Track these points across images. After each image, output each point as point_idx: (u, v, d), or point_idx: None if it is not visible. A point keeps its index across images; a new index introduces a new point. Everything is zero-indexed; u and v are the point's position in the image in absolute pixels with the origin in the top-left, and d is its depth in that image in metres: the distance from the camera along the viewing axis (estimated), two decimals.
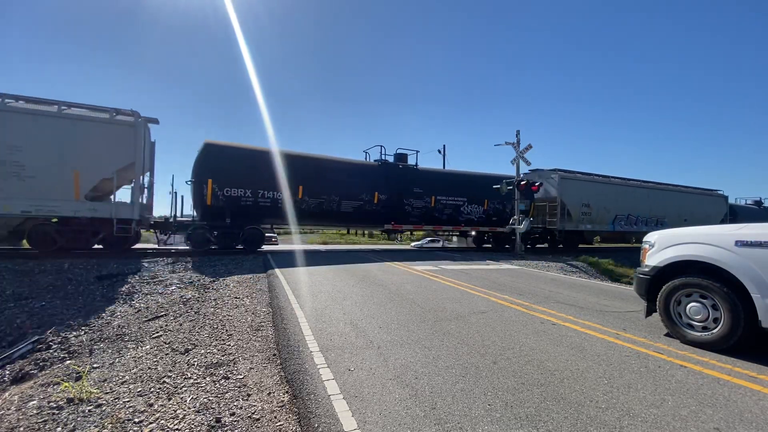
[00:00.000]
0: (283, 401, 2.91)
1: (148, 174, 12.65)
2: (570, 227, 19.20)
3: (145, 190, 12.63)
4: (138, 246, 14.09)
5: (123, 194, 13.30)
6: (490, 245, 19.75)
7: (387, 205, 16.13)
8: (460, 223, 17.98)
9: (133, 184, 11.91)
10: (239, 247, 13.83)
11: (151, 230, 13.77)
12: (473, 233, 19.61)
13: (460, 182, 18.29)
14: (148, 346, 4.42)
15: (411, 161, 17.66)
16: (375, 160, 17.21)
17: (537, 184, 15.74)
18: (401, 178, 16.71)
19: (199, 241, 13.02)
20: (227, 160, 13.47)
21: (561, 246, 19.89)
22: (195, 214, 14.05)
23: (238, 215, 13.50)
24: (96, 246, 12.18)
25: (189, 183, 13.57)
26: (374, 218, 16.23)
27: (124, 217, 11.50)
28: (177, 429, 2.57)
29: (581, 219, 19.63)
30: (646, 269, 4.44)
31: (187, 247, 13.52)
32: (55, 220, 11.19)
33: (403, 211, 16.56)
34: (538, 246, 20.73)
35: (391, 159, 17.31)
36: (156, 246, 14.08)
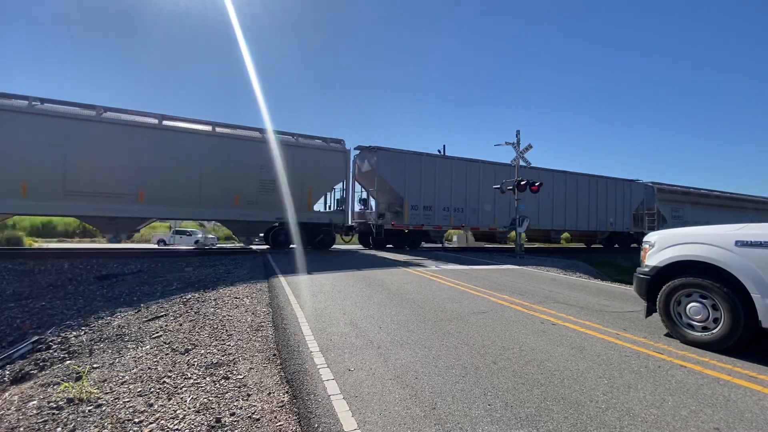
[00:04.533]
0: (283, 401, 2.91)
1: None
2: None
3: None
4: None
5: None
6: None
7: None
8: None
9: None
10: None
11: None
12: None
13: None
14: (148, 346, 4.41)
15: None
16: None
17: (537, 183, 15.72)
18: None
19: None
20: None
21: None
22: None
23: None
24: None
25: None
26: None
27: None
28: (177, 429, 2.57)
29: None
30: (646, 269, 4.44)
31: None
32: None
33: None
34: None
35: None
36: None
